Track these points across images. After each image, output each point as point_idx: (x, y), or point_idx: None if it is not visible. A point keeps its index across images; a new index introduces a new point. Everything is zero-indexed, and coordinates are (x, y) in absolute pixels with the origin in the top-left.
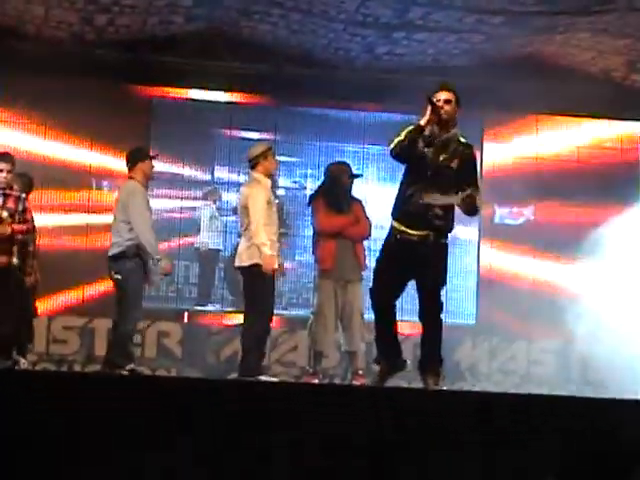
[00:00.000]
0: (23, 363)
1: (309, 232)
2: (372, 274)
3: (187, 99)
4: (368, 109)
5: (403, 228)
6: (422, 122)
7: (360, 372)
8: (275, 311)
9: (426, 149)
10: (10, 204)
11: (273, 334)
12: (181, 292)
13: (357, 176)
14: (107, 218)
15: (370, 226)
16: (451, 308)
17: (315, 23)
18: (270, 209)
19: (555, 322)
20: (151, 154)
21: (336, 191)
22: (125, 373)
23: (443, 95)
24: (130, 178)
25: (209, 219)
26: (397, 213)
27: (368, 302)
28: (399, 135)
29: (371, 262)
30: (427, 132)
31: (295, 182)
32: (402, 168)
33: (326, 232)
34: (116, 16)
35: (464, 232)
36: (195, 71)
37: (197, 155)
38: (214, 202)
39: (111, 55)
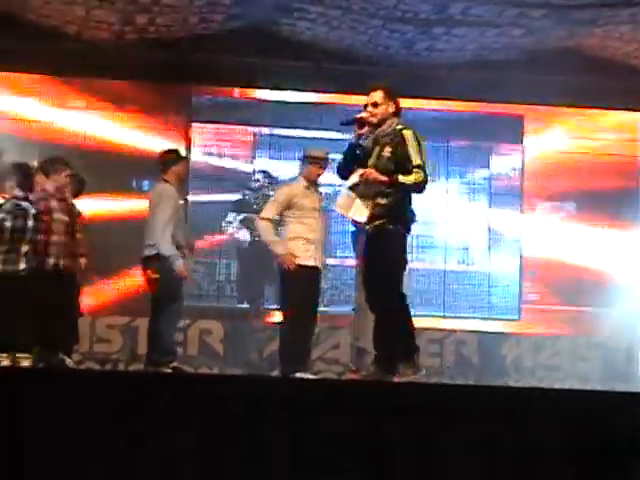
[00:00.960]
0: (69, 362)
1: (350, 229)
2: None
3: (228, 97)
4: (408, 105)
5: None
6: (355, 134)
7: None
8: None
9: (362, 156)
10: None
11: (316, 331)
12: (222, 290)
13: None
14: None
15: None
16: (494, 303)
17: (354, 20)
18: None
19: (601, 316)
20: (183, 155)
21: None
22: (168, 371)
23: (370, 99)
24: (163, 180)
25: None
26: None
27: (409, 298)
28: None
29: (412, 258)
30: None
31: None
32: (441, 165)
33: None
34: (156, 15)
35: (505, 227)
36: (235, 69)
37: (237, 152)
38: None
39: (151, 54)
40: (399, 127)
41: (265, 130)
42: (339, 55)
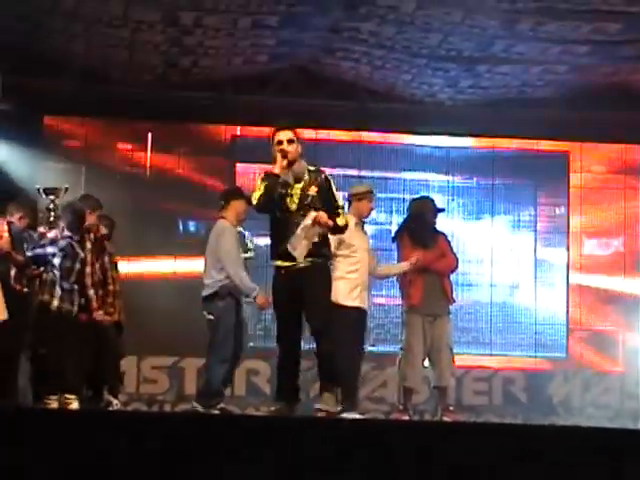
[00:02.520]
0: (116, 404)
1: None
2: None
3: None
4: (452, 143)
5: (286, 264)
6: (276, 170)
7: (451, 408)
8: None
9: (283, 191)
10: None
11: (362, 370)
12: (268, 330)
13: (440, 210)
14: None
15: (457, 259)
16: (542, 342)
17: (398, 58)
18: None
19: None
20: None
21: (420, 226)
22: (215, 412)
23: (286, 135)
24: (221, 218)
25: None
26: (275, 254)
27: (456, 336)
28: (257, 188)
29: (459, 296)
30: (281, 178)
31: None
32: (487, 202)
33: (412, 268)
34: (200, 57)
35: (552, 266)
36: (279, 109)
37: None
38: None
39: (196, 95)
40: (313, 168)
41: None
42: (383, 94)
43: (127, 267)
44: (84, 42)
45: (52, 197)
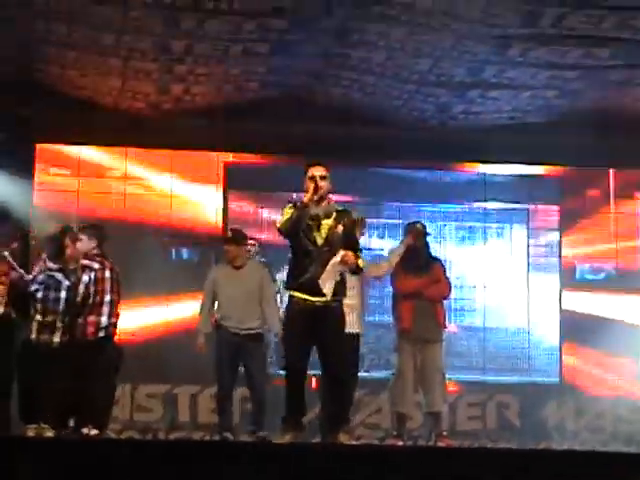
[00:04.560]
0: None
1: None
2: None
3: (263, 164)
4: (445, 168)
5: (305, 296)
6: (306, 199)
7: (444, 433)
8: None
9: (311, 223)
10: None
11: (356, 396)
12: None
13: (425, 235)
14: None
15: (450, 286)
16: (535, 366)
17: (388, 85)
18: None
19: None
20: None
21: (413, 252)
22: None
23: (318, 171)
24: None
25: None
26: (294, 284)
27: (449, 362)
28: (285, 213)
29: (452, 321)
30: (311, 209)
31: None
32: (481, 227)
33: (404, 293)
34: (192, 85)
35: (544, 290)
36: (271, 136)
37: (273, 218)
38: None
39: (187, 123)
40: (340, 208)
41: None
42: (374, 120)
43: None
44: (77, 70)
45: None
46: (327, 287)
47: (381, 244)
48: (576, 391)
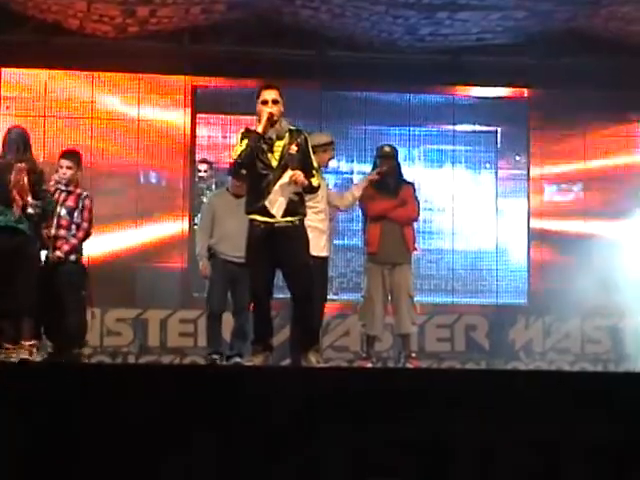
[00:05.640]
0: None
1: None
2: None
3: (231, 87)
4: (413, 91)
5: (265, 219)
6: (260, 130)
7: (413, 355)
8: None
9: (264, 147)
10: (70, 202)
11: (325, 319)
12: None
13: (396, 157)
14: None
15: (418, 209)
16: (503, 288)
17: (357, 6)
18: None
19: (609, 298)
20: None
21: (384, 175)
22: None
23: (270, 95)
24: None
25: None
26: (252, 208)
27: (418, 284)
28: (239, 144)
29: (421, 244)
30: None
31: None
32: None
33: (371, 215)
34: (158, 7)
35: (513, 212)
36: (238, 59)
37: None
38: None
39: (154, 46)
40: (293, 127)
41: None
42: (342, 43)
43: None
44: None
45: None
46: (276, 208)
47: (350, 167)
48: (543, 312)
